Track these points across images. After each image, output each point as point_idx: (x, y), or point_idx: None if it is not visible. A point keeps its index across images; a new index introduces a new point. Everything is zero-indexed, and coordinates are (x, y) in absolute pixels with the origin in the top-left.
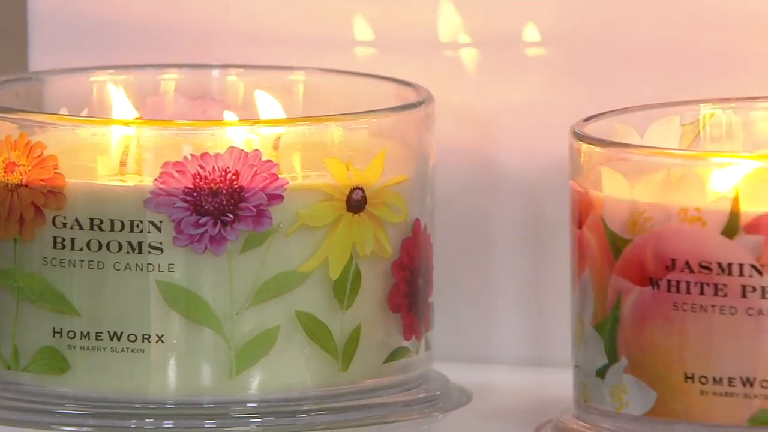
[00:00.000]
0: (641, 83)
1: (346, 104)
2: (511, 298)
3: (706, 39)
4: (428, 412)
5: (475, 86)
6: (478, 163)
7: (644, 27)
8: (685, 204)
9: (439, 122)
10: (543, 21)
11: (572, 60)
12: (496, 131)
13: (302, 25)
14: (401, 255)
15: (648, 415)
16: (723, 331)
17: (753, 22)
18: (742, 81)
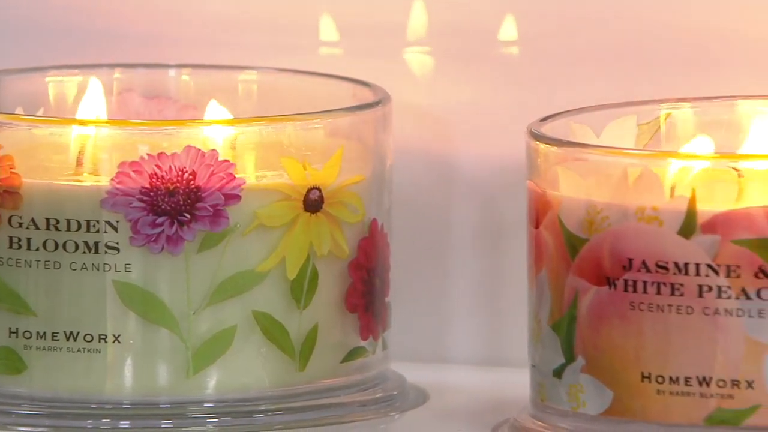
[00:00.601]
0: (598, 83)
1: (302, 104)
2: (468, 298)
3: (662, 39)
4: (385, 412)
5: (432, 86)
6: (435, 163)
7: (600, 27)
8: (641, 203)
9: (396, 122)
10: (500, 22)
11: (529, 60)
12: (453, 131)
13: (264, 25)
14: (358, 255)
15: (605, 414)
16: (679, 330)
17: (708, 24)
18: (698, 81)
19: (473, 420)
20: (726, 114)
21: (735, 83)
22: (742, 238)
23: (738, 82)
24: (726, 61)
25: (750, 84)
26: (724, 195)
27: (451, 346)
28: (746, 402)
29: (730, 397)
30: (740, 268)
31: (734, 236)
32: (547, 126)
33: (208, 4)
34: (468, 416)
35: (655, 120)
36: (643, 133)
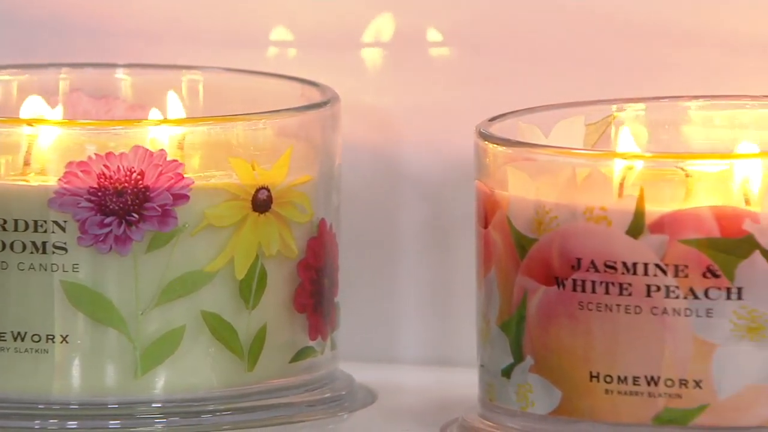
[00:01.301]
0: (546, 83)
1: (251, 104)
2: (417, 298)
3: (609, 40)
4: (333, 412)
5: (381, 86)
6: (383, 163)
7: (548, 27)
8: (590, 203)
9: (344, 122)
10: (448, 21)
11: (477, 60)
12: (401, 131)
13: (215, 24)
14: (307, 255)
15: (553, 414)
16: (628, 330)
17: (655, 25)
18: (646, 81)
19: (422, 420)
20: (673, 114)
21: (682, 83)
22: (690, 238)
23: (685, 82)
24: (673, 62)
25: (697, 84)
26: (672, 195)
27: (399, 345)
28: (694, 401)
29: (678, 396)
30: (688, 267)
31: (682, 236)
32: (495, 126)
33: (158, 3)
34: (416, 416)
35: (603, 120)
36: (591, 133)
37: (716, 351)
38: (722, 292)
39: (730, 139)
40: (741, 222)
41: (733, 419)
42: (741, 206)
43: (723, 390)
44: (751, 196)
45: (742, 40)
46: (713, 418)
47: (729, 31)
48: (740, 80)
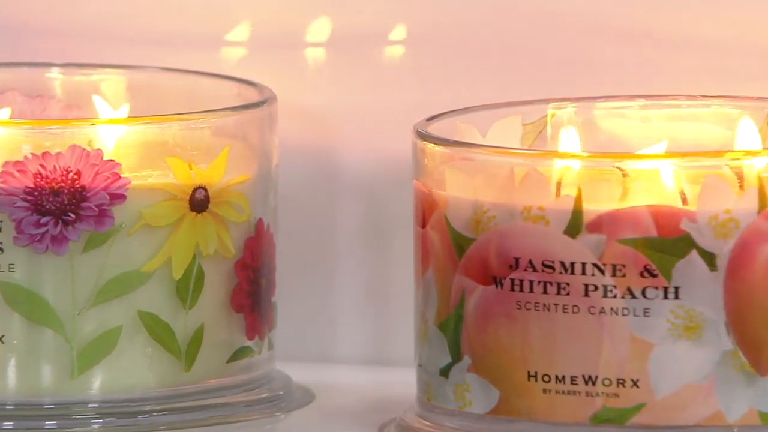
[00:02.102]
0: (483, 83)
1: (188, 103)
2: (354, 298)
3: (547, 39)
4: (271, 412)
5: (318, 85)
6: (321, 163)
7: (486, 27)
8: (528, 203)
9: (281, 122)
10: (386, 21)
11: (415, 60)
12: (339, 130)
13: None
14: (244, 254)
15: (491, 413)
16: (566, 329)
17: (591, 24)
18: (582, 81)
19: (359, 419)
20: (611, 113)
21: (619, 83)
22: (627, 238)
23: (622, 82)
24: (611, 61)
25: (634, 83)
26: (610, 194)
27: (337, 345)
28: (631, 401)
29: (615, 395)
30: (626, 267)
31: (619, 236)
32: (433, 125)
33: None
34: (354, 416)
35: (540, 120)
36: (528, 133)
37: (653, 350)
38: (659, 291)
39: (667, 139)
40: (678, 221)
41: (670, 418)
42: (678, 206)
43: (660, 389)
44: (687, 195)
45: (678, 39)
46: (650, 418)
47: (665, 30)
48: (677, 79)
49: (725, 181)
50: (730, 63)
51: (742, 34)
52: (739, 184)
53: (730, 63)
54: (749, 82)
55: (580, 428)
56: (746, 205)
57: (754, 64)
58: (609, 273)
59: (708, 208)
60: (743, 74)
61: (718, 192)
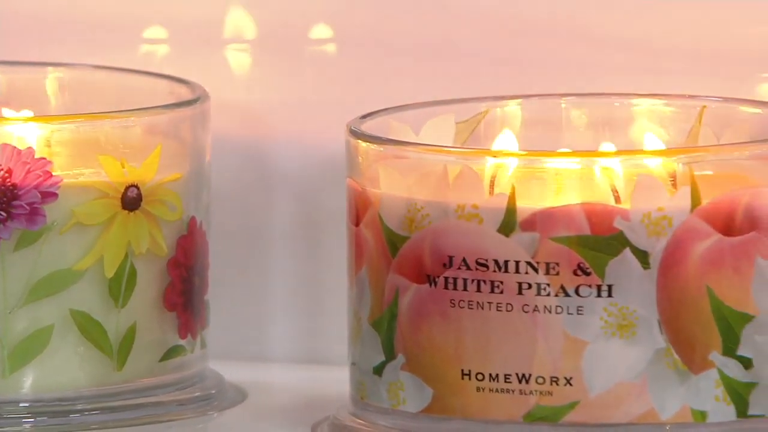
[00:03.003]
0: (416, 81)
1: (120, 101)
2: (287, 296)
3: (479, 38)
4: (203, 411)
5: (251, 83)
6: (254, 161)
7: (419, 25)
8: (462, 201)
9: (214, 119)
10: (319, 19)
11: (348, 57)
12: (272, 128)
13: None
14: (177, 253)
15: (424, 412)
16: (499, 327)
17: (524, 22)
18: (515, 79)
19: (292, 418)
20: (544, 111)
21: (552, 80)
22: (560, 236)
23: (554, 79)
24: (544, 59)
25: (565, 80)
26: (543, 193)
27: (270, 344)
28: (565, 399)
29: (549, 394)
30: (559, 265)
31: (553, 234)
32: (366, 124)
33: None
34: (287, 414)
35: (473, 118)
36: (461, 131)
37: (587, 348)
38: (593, 289)
39: (600, 137)
40: (611, 219)
41: (603, 416)
42: (611, 204)
43: (593, 387)
44: (621, 193)
45: (610, 37)
46: (584, 416)
47: (598, 28)
48: (610, 77)
49: (658, 179)
50: (662, 61)
51: (673, 32)
52: (671, 183)
53: (662, 61)
54: (682, 80)
55: (513, 426)
56: (679, 203)
57: (687, 63)
58: (542, 271)
59: (641, 206)
60: (676, 72)
61: (651, 190)
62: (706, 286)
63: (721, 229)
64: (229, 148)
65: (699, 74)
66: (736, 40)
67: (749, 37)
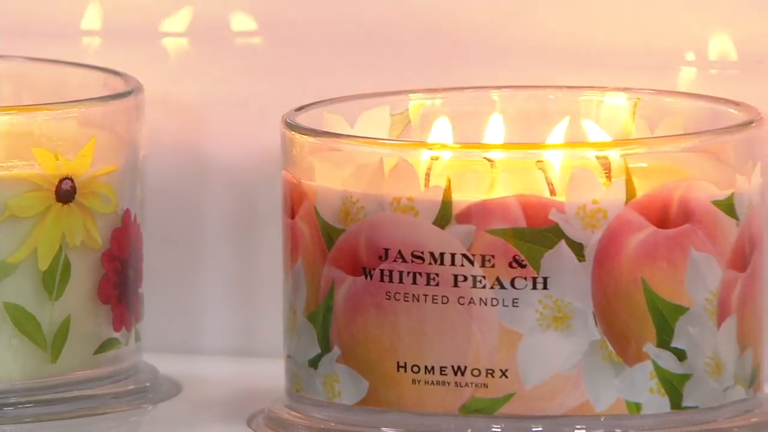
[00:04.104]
0: (350, 73)
1: (54, 94)
2: (222, 289)
3: (414, 29)
4: (138, 404)
5: (186, 76)
6: (189, 153)
7: (352, 17)
8: (397, 194)
9: (149, 112)
10: (254, 10)
11: (283, 50)
12: (207, 121)
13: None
14: (111, 246)
15: (360, 404)
16: (435, 320)
17: (460, 14)
18: (451, 71)
19: (227, 411)
20: (478, 104)
21: (487, 73)
22: (496, 228)
23: (489, 71)
24: (479, 51)
25: (501, 73)
26: (478, 185)
27: (205, 336)
28: (500, 391)
29: (484, 386)
30: (495, 257)
31: (489, 226)
32: (301, 116)
33: None
34: (222, 407)
35: (408, 110)
36: (395, 123)
37: (522, 340)
38: (528, 281)
39: (535, 129)
40: (547, 212)
41: (538, 408)
42: (546, 196)
43: (529, 379)
44: (556, 186)
45: (545, 32)
46: (519, 408)
47: (535, 21)
48: (544, 69)
49: (593, 171)
50: (596, 54)
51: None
52: (606, 175)
53: (596, 54)
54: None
55: (449, 419)
56: (614, 196)
57: (621, 55)
58: (478, 263)
59: (576, 198)
60: (610, 65)
61: (586, 182)
62: (641, 278)
63: (656, 222)
64: (164, 141)
65: (633, 67)
66: (670, 32)
67: (681, 29)
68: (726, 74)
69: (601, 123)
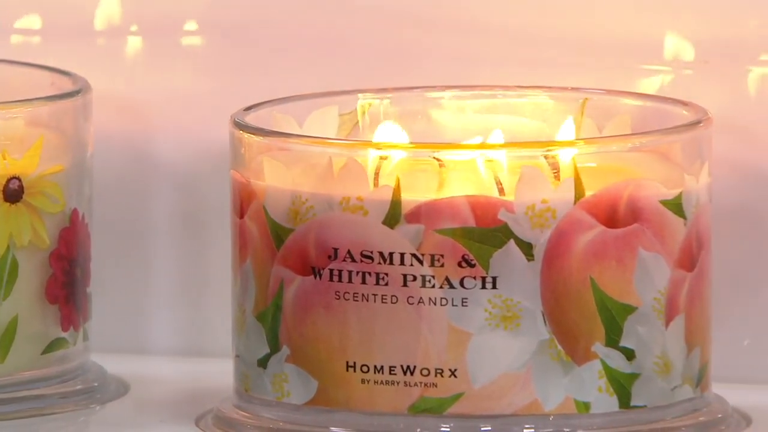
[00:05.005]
0: (299, 73)
1: (1, 93)
2: (171, 288)
3: (362, 29)
4: (86, 404)
5: (133, 75)
6: (137, 153)
7: (301, 16)
8: (346, 193)
9: (96, 111)
10: (202, 10)
11: (231, 49)
12: (154, 120)
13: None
14: (59, 245)
15: (309, 404)
16: (384, 319)
17: (407, 13)
18: (399, 70)
19: (176, 411)
20: (426, 103)
21: (435, 73)
22: (445, 228)
23: (438, 71)
24: (426, 51)
25: (450, 72)
26: (427, 185)
27: (153, 336)
28: (449, 390)
29: (433, 385)
30: (444, 257)
31: (438, 226)
32: (250, 115)
33: None
34: (170, 407)
35: (356, 110)
36: (344, 123)
37: (471, 340)
38: (477, 281)
39: (483, 129)
40: (496, 211)
41: (487, 408)
42: (495, 196)
43: (478, 379)
44: (505, 185)
45: (493, 30)
46: (468, 407)
47: (481, 20)
48: (492, 69)
49: (542, 171)
50: (544, 53)
51: (556, 24)
52: (555, 175)
53: (544, 53)
54: (564, 72)
55: (398, 418)
56: (563, 195)
57: (569, 55)
58: (427, 263)
59: (525, 198)
60: (558, 64)
61: (535, 182)
62: (590, 277)
63: (605, 221)
64: (112, 140)
65: (581, 66)
66: (618, 31)
67: (631, 28)
68: (673, 74)
69: (550, 122)
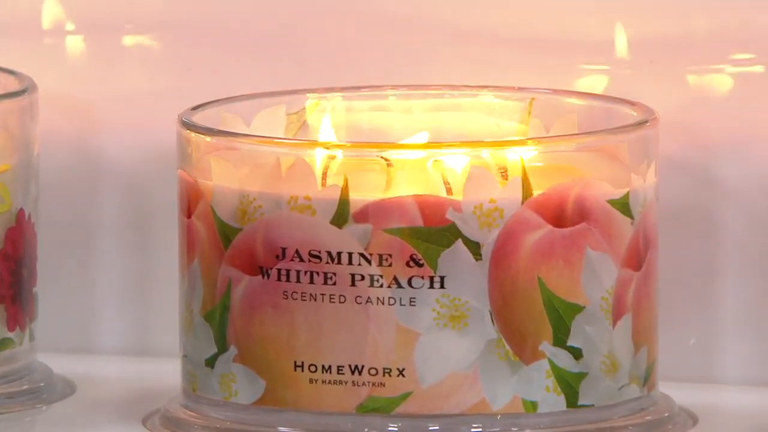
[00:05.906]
0: (247, 72)
1: None
2: (118, 288)
3: (309, 28)
4: (32, 404)
5: (79, 74)
6: (83, 153)
7: (249, 15)
8: (294, 193)
9: (42, 111)
10: (148, 9)
11: (178, 48)
12: (101, 120)
13: None
14: (5, 245)
15: (257, 404)
16: (332, 319)
17: (355, 12)
18: (345, 70)
19: (123, 411)
20: (373, 103)
21: (382, 72)
22: (393, 227)
23: (385, 70)
24: (372, 50)
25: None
26: (376, 184)
27: (99, 336)
28: (397, 390)
29: (381, 385)
30: (392, 256)
31: (386, 225)
32: (198, 115)
33: None
34: (117, 407)
35: (303, 109)
36: (292, 123)
37: (419, 339)
38: (425, 281)
39: (430, 129)
40: (443, 211)
41: (436, 407)
42: (443, 195)
43: (426, 378)
44: (453, 185)
45: (441, 29)
46: (416, 407)
47: (428, 19)
48: (440, 69)
49: (489, 171)
50: (492, 53)
51: (503, 23)
52: (503, 174)
53: (492, 53)
54: (512, 71)
55: (346, 418)
56: (510, 195)
57: (516, 54)
58: (375, 262)
59: (473, 197)
60: (506, 64)
61: (483, 182)
62: (537, 277)
63: (552, 221)
64: (58, 140)
65: (528, 66)
66: (565, 31)
67: (578, 28)
68: (620, 74)
69: (497, 122)
